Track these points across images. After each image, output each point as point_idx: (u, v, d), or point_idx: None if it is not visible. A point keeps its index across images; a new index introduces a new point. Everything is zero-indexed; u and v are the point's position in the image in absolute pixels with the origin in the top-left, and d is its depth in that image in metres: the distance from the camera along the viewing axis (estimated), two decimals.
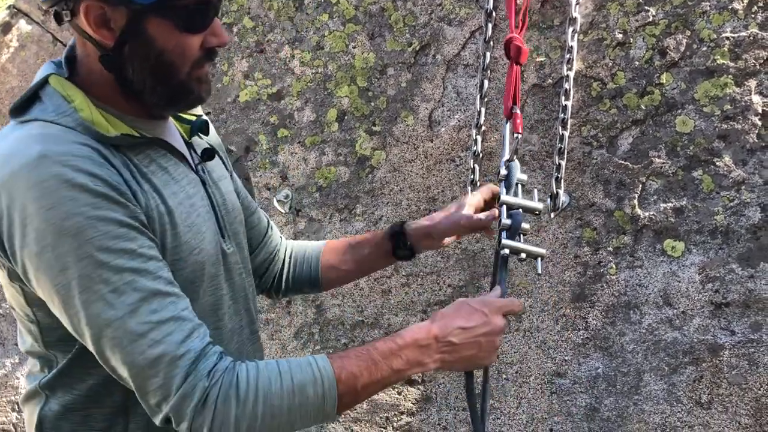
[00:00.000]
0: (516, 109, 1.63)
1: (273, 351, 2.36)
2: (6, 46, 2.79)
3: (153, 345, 0.98)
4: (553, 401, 2.09)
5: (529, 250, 1.37)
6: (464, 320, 1.15)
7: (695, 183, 1.90)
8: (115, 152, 1.05)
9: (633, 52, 1.93)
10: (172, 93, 1.10)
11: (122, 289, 0.98)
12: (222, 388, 1.00)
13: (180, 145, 1.21)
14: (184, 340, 1.00)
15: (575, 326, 2.05)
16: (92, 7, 1.02)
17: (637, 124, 1.94)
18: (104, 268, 0.97)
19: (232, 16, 2.32)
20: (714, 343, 1.91)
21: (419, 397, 2.23)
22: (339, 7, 2.20)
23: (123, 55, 1.05)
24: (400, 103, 2.17)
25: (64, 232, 0.96)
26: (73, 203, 0.96)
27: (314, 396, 1.04)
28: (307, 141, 2.27)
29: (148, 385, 0.99)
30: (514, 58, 1.66)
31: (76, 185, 0.96)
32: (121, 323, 0.97)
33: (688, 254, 1.92)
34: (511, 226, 1.38)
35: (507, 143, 1.59)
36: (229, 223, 1.26)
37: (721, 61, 1.85)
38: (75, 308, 0.99)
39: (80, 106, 1.05)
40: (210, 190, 1.22)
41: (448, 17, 2.11)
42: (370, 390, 1.10)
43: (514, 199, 1.42)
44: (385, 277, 2.22)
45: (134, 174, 1.06)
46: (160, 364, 0.98)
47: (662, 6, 1.89)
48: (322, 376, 1.05)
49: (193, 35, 1.07)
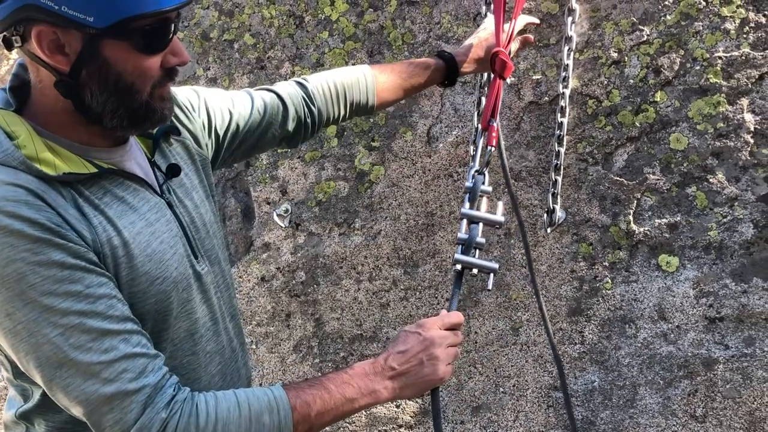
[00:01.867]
0: (494, 122, 1.64)
1: (272, 364, 2.38)
2: (6, 57, 2.82)
3: (106, 384, 0.98)
4: (550, 414, 2.11)
5: (481, 264, 1.38)
6: (401, 345, 1.20)
7: (689, 199, 1.93)
8: (63, 188, 1.02)
9: (628, 71, 1.97)
10: (134, 115, 1.07)
11: (70, 333, 0.96)
12: (181, 419, 1.01)
13: (142, 168, 1.17)
14: (137, 377, 1.00)
15: (571, 340, 2.07)
16: (45, 32, 0.98)
17: (632, 141, 1.97)
18: (50, 312, 0.96)
19: (234, 33, 2.35)
20: (708, 357, 1.94)
21: (417, 411, 2.25)
22: (339, 24, 2.23)
23: (80, 80, 1.01)
24: (398, 120, 2.20)
25: (6, 279, 0.94)
26: (11, 250, 0.94)
27: (270, 424, 1.06)
28: (307, 156, 2.29)
29: (104, 422, 0.99)
30: (498, 71, 1.68)
31: (12, 231, 0.94)
32: (72, 365, 0.97)
33: (683, 269, 1.95)
34: (467, 240, 1.39)
35: (479, 154, 1.60)
36: (200, 241, 1.23)
37: (714, 80, 1.88)
38: (24, 352, 0.98)
39: (23, 142, 1.01)
40: (177, 210, 1.19)
41: (446, 35, 2.15)
42: (324, 418, 1.12)
43: (474, 212, 1.44)
44: (384, 291, 2.24)
45: (83, 209, 1.03)
46: (115, 401, 0.98)
47: (656, 26, 1.93)
48: (278, 405, 1.07)
49: (152, 56, 1.04)
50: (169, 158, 1.25)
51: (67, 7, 0.95)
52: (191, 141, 1.32)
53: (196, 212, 1.24)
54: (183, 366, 1.18)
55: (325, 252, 2.29)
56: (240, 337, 1.36)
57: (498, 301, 2.13)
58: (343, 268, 2.28)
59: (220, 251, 1.31)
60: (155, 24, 1.01)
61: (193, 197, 1.26)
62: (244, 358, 1.37)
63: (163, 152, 1.25)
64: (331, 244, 2.29)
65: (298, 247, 2.32)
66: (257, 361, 2.40)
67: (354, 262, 2.26)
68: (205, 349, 1.22)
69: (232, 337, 1.31)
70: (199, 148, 1.34)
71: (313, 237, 2.31)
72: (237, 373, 1.32)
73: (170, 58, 1.07)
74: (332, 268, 2.28)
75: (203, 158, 1.34)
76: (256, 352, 2.38)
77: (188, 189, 1.25)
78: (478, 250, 1.41)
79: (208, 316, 1.23)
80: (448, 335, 1.23)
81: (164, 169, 1.21)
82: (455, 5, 2.13)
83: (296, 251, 2.32)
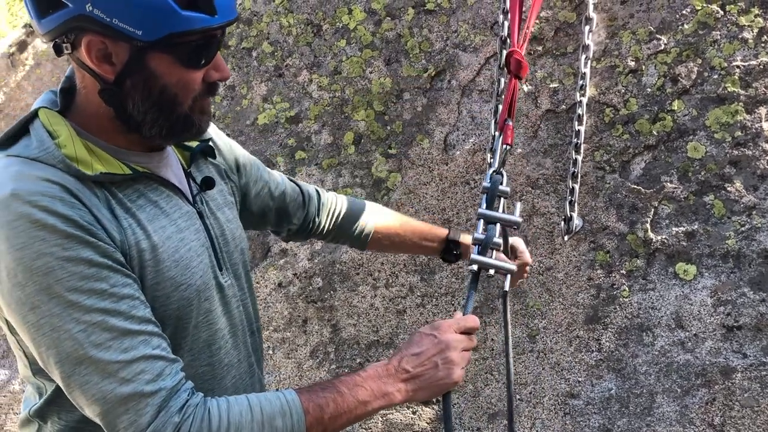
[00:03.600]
0: (509, 121, 1.63)
1: (289, 370, 2.39)
2: (21, 64, 2.86)
3: (123, 384, 0.99)
4: (567, 422, 2.11)
5: (498, 265, 1.34)
6: (416, 347, 1.19)
7: (707, 208, 1.93)
8: (97, 188, 1.05)
9: (645, 79, 1.97)
10: (173, 126, 1.09)
11: (92, 329, 0.98)
12: (194, 423, 1.01)
13: (177, 177, 1.20)
14: (154, 379, 1.01)
15: (588, 348, 2.07)
16: (94, 42, 1.02)
17: (650, 150, 1.98)
18: (74, 308, 0.97)
19: (252, 41, 2.37)
20: (726, 365, 1.94)
21: (433, 417, 2.26)
22: (356, 33, 2.25)
23: (124, 89, 1.05)
24: (415, 127, 2.22)
25: (34, 272, 0.96)
26: (42, 243, 0.96)
27: (283, 427, 1.06)
28: (324, 163, 2.31)
29: (117, 423, 1.00)
30: (514, 71, 1.68)
31: (45, 226, 0.96)
32: (91, 362, 0.98)
33: (700, 278, 1.95)
34: (483, 240, 1.37)
35: (498, 154, 1.58)
36: (227, 254, 1.25)
37: (732, 88, 1.89)
38: (45, 346, 0.99)
39: (64, 142, 1.05)
40: (208, 221, 1.21)
41: (463, 44, 2.16)
42: (338, 422, 1.12)
43: (491, 213, 1.40)
44: (401, 298, 2.25)
45: (115, 210, 1.05)
46: (131, 402, 0.99)
47: (674, 35, 1.94)
48: (291, 409, 1.07)
49: (196, 70, 1.07)
50: (204, 172, 1.28)
51: (118, 20, 0.99)
52: (225, 167, 1.37)
53: (227, 226, 1.26)
54: (198, 376, 1.19)
55: (342, 258, 2.30)
56: (258, 353, 1.38)
57: (515, 309, 2.14)
58: (359, 275, 2.29)
59: (244, 267, 1.33)
60: (201, 40, 1.04)
61: (225, 212, 1.28)
62: (260, 376, 1.38)
63: (198, 166, 1.28)
64: (347, 250, 2.30)
65: (315, 254, 2.34)
66: (274, 366, 2.41)
67: (371, 268, 2.28)
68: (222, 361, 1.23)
69: (250, 353, 1.33)
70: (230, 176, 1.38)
71: (330, 243, 2.33)
72: (251, 388, 1.33)
73: (212, 73, 1.10)
74: (349, 275, 2.30)
75: (234, 183, 1.38)
76: (272, 357, 2.40)
77: (220, 204, 1.28)
78: (495, 250, 1.39)
79: (228, 329, 1.24)
80: (463, 339, 1.21)
81: (199, 181, 1.24)
82: (472, 14, 2.15)
83: (313, 257, 2.34)
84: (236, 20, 1.10)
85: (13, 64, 2.89)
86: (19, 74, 2.89)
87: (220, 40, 1.09)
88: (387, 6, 2.23)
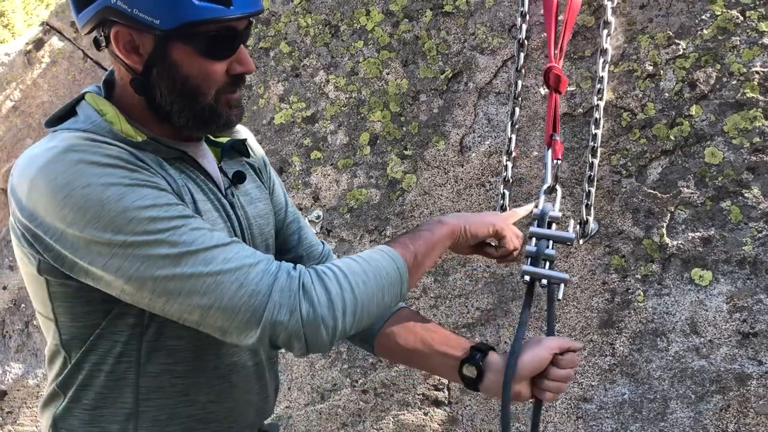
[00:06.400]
0: (556, 136, 1.66)
1: (301, 369, 2.39)
2: (38, 61, 2.88)
3: (227, 262, 1.00)
4: (579, 426, 2.11)
5: (550, 275, 1.38)
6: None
7: (723, 213, 1.93)
8: (147, 154, 1.08)
9: (663, 84, 1.97)
10: (199, 117, 1.12)
11: (180, 232, 0.99)
12: (311, 274, 1.04)
13: (210, 166, 1.22)
14: (252, 254, 1.04)
15: (602, 352, 2.07)
16: (122, 33, 1.07)
17: (667, 155, 1.98)
18: (155, 221, 0.98)
19: (269, 41, 2.38)
20: (741, 372, 1.93)
21: (445, 419, 2.26)
22: (374, 34, 2.26)
23: (151, 79, 1.09)
24: (431, 129, 2.22)
25: (107, 202, 0.97)
26: (108, 176, 0.98)
27: (393, 272, 1.11)
28: (340, 163, 2.32)
29: (237, 300, 0.99)
30: (553, 86, 1.70)
31: (109, 164, 0.99)
32: (190, 255, 0.99)
33: (716, 283, 1.94)
34: (535, 253, 1.40)
35: (549, 170, 1.61)
36: (255, 248, 1.26)
37: (751, 94, 1.88)
38: (139, 262, 0.98)
39: (111, 118, 1.09)
40: (238, 212, 1.23)
41: (480, 46, 2.16)
42: (424, 265, 1.20)
43: (542, 230, 1.44)
44: (414, 299, 2.26)
45: (168, 170, 1.10)
46: (249, 275, 1.00)
47: (692, 40, 1.93)
48: (393, 258, 1.13)
49: (217, 62, 1.09)
50: (236, 168, 1.29)
51: (138, 10, 1.03)
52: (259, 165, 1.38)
53: (255, 221, 1.27)
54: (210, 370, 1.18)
55: None
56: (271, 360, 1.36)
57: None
58: None
59: None
60: (219, 31, 1.07)
61: (258, 206, 1.30)
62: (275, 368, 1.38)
63: (230, 161, 1.30)
64: (361, 250, 2.30)
65: None
66: (286, 365, 2.42)
67: None
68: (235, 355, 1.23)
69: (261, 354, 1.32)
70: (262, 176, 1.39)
71: (344, 243, 2.33)
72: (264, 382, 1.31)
73: (236, 66, 1.12)
74: None
75: (266, 183, 1.39)
76: (285, 356, 2.40)
77: (252, 198, 1.29)
78: (549, 262, 1.41)
79: None
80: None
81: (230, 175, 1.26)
82: (490, 16, 2.15)
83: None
84: (258, 13, 1.11)
85: (30, 61, 2.91)
86: (35, 72, 2.91)
87: (242, 33, 1.10)
88: (405, 8, 2.24)
